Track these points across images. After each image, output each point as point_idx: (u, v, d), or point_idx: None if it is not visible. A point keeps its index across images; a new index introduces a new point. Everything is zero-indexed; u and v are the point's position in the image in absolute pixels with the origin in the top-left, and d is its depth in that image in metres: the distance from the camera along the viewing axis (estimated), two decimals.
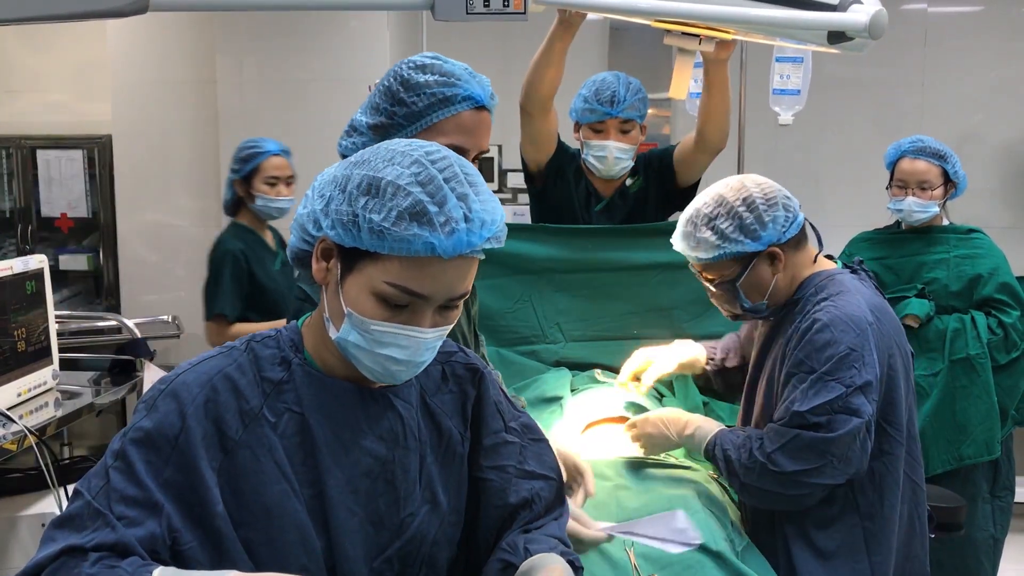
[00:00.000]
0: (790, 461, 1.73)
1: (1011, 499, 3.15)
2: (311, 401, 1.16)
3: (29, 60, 4.69)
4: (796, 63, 3.19)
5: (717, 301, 1.95)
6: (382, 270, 1.08)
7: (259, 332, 1.21)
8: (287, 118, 4.17)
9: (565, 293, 2.66)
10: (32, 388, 2.53)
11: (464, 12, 1.67)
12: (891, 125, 4.19)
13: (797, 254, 1.87)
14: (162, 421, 1.10)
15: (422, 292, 1.09)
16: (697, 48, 1.90)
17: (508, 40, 4.42)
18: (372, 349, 1.11)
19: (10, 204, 4.60)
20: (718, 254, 1.82)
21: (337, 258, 1.12)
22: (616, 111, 2.63)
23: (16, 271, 2.48)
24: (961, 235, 3.10)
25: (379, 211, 1.06)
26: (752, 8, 1.39)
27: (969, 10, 4.46)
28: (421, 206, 1.05)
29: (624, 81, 2.67)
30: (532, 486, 1.29)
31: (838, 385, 1.71)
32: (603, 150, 2.66)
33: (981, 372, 2.98)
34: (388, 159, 1.10)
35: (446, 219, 1.06)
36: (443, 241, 1.05)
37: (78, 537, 1.06)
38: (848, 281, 1.84)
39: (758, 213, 1.81)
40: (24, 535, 2.27)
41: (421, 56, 1.59)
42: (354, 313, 1.10)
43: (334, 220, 1.10)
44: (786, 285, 1.86)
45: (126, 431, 1.12)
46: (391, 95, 1.55)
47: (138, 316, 4.23)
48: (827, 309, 1.76)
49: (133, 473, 1.08)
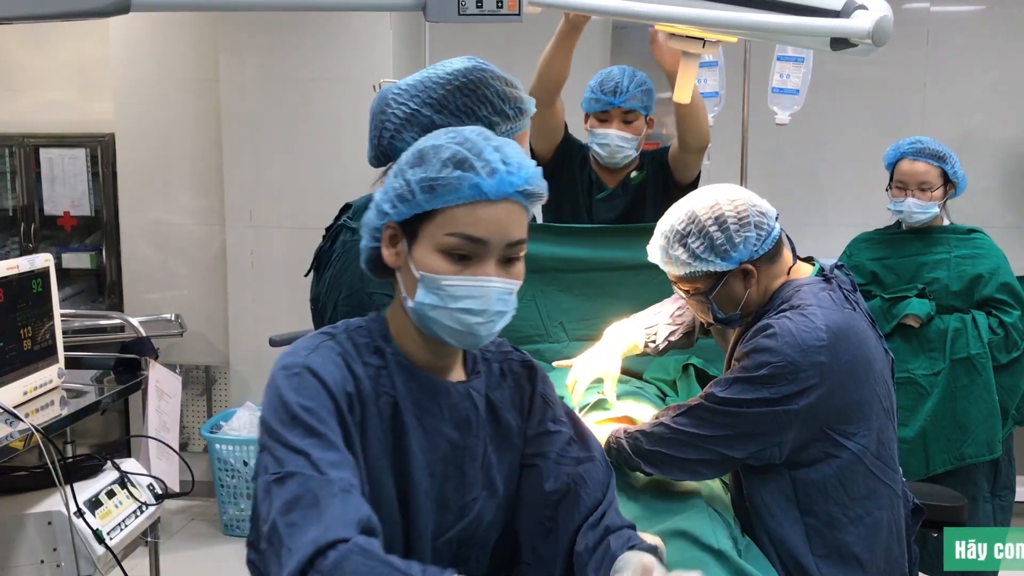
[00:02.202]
0: (692, 424, 1.77)
1: (1012, 498, 3.16)
2: (402, 387, 1.25)
3: (32, 59, 4.69)
4: (797, 62, 3.20)
5: (692, 309, 1.99)
6: (441, 224, 1.19)
7: (351, 321, 1.29)
8: (290, 117, 4.18)
9: (568, 292, 2.67)
10: (38, 386, 2.54)
11: (456, 13, 1.67)
12: (893, 124, 4.19)
13: (772, 266, 1.87)
14: (313, 395, 1.16)
15: (479, 235, 1.19)
16: (701, 51, 1.91)
17: (510, 39, 4.42)
18: (447, 305, 1.20)
19: (13, 202, 4.61)
20: (689, 271, 1.84)
21: (402, 236, 1.23)
22: (619, 101, 2.75)
23: (22, 270, 2.49)
24: (962, 235, 3.11)
25: (425, 169, 1.19)
26: (754, 15, 1.39)
27: (971, 9, 4.47)
28: (461, 155, 1.19)
29: (629, 74, 2.80)
30: (575, 471, 1.34)
31: (763, 389, 1.71)
32: (606, 138, 2.77)
33: (982, 372, 2.99)
34: (433, 136, 1.24)
35: (485, 163, 1.19)
36: (486, 181, 1.18)
37: (329, 518, 1.08)
38: (811, 293, 1.81)
39: (729, 234, 1.80)
40: (31, 532, 2.27)
41: None
42: (426, 274, 1.20)
43: (391, 198, 1.22)
44: (759, 296, 1.87)
45: (283, 411, 1.15)
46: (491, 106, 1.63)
47: (141, 314, 4.24)
48: (781, 321, 1.76)
49: (328, 440, 1.14)
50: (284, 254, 4.22)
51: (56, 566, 2.27)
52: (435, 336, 1.24)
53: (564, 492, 1.33)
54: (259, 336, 4.11)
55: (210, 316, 4.44)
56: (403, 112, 1.58)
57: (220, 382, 4.51)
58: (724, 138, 3.62)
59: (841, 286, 1.86)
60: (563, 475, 1.33)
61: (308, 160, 4.17)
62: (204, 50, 4.30)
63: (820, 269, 1.92)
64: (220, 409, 4.47)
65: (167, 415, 2.93)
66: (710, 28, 1.69)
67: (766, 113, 3.35)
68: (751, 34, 1.83)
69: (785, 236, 1.92)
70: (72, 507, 2.26)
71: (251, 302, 4.31)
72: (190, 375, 4.50)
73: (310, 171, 4.13)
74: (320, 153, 4.14)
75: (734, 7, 1.45)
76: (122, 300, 4.51)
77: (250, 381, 4.35)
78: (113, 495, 2.46)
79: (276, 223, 4.20)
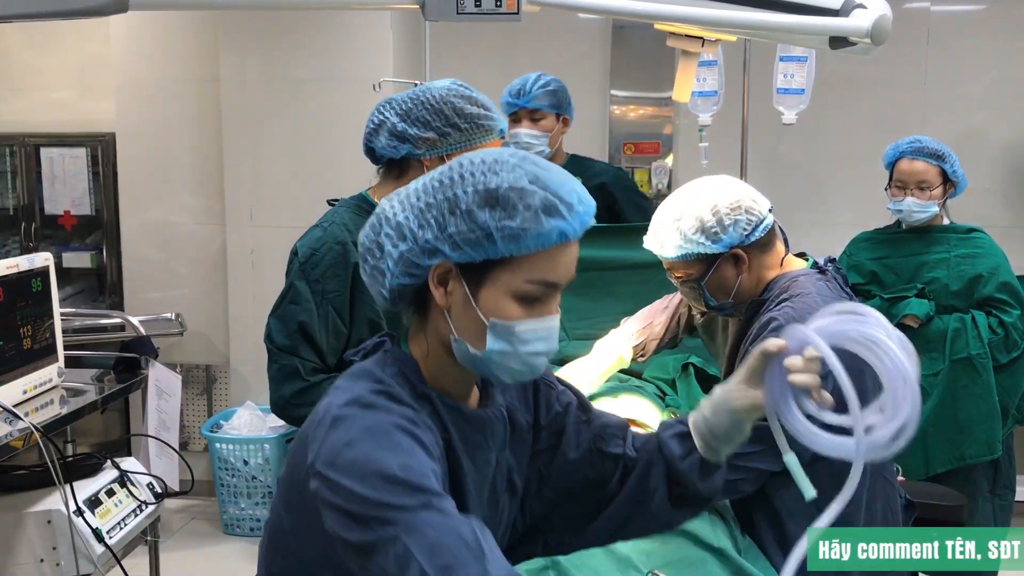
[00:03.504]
0: None
1: (1012, 498, 3.15)
2: (452, 427, 1.20)
3: (33, 58, 4.70)
4: (800, 62, 3.19)
5: (686, 298, 2.00)
6: (519, 271, 1.13)
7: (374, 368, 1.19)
8: (290, 117, 4.18)
9: (568, 291, 2.64)
10: (38, 385, 2.54)
11: (455, 12, 1.69)
12: (893, 124, 4.19)
13: (764, 256, 1.89)
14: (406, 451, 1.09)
15: (557, 280, 1.16)
16: (700, 50, 1.91)
17: (511, 38, 4.42)
18: (518, 350, 1.15)
19: (13, 202, 4.61)
20: (681, 254, 1.86)
21: (458, 279, 1.15)
22: (523, 101, 2.98)
23: (22, 269, 2.49)
24: (961, 234, 3.11)
25: (512, 216, 1.11)
26: (753, 13, 1.39)
27: (972, 9, 4.46)
28: (550, 200, 1.12)
29: (534, 76, 3.02)
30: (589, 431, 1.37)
31: None
32: (516, 136, 2.98)
33: (982, 372, 2.98)
34: (489, 170, 1.14)
35: (570, 205, 1.13)
36: (571, 224, 1.13)
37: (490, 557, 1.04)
38: (810, 283, 1.84)
39: (719, 217, 1.83)
40: (31, 531, 2.28)
41: None
42: (498, 322, 1.14)
43: (457, 241, 1.12)
44: (752, 286, 1.89)
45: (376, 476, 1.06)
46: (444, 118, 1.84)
47: (141, 314, 4.24)
48: (784, 310, 1.78)
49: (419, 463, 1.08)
50: (284, 253, 4.17)
51: (56, 565, 2.27)
52: (491, 376, 1.20)
53: (588, 452, 1.35)
54: (259, 335, 4.05)
55: (210, 315, 4.44)
56: (377, 119, 1.86)
57: (220, 381, 4.52)
58: (724, 138, 3.62)
59: (836, 279, 1.89)
60: (583, 441, 1.36)
61: (308, 160, 4.17)
62: (205, 50, 4.30)
63: (814, 263, 1.94)
64: (220, 408, 4.47)
65: (167, 414, 2.93)
66: (710, 27, 1.69)
67: (766, 112, 3.34)
68: (751, 33, 1.83)
69: (779, 228, 1.93)
70: (72, 506, 2.26)
71: (251, 301, 4.31)
72: (190, 374, 4.50)
73: (310, 170, 4.13)
74: (321, 153, 4.14)
75: (734, 6, 1.45)
76: (123, 299, 4.51)
77: (250, 380, 4.35)
78: (113, 494, 2.46)
79: (276, 222, 4.20)
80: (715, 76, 3.33)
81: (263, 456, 4.03)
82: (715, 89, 3.33)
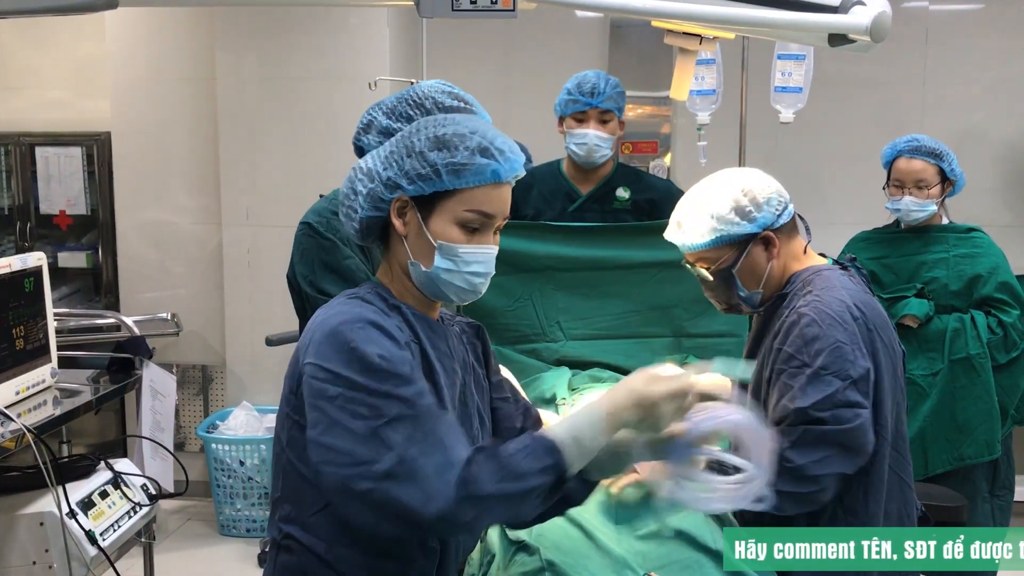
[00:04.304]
0: (803, 455, 1.71)
1: (1011, 498, 3.14)
2: (423, 334, 1.42)
3: (28, 57, 4.68)
4: (798, 60, 3.19)
5: (711, 293, 1.97)
6: (461, 202, 1.39)
7: (358, 290, 1.44)
8: (287, 115, 4.17)
9: (566, 291, 2.67)
10: (31, 386, 2.52)
11: (450, 9, 1.68)
12: (892, 123, 4.18)
13: (790, 243, 1.90)
14: (384, 344, 1.31)
15: (492, 212, 1.41)
16: (698, 48, 1.90)
17: (509, 37, 4.41)
18: (461, 270, 1.40)
19: (8, 201, 4.59)
20: (715, 238, 1.84)
21: (414, 210, 1.40)
22: (596, 101, 2.86)
23: (15, 269, 2.47)
24: (960, 234, 3.10)
25: (454, 155, 1.37)
26: (752, 10, 1.38)
27: (970, 8, 4.46)
28: (485, 143, 1.38)
29: (604, 76, 2.91)
30: (525, 403, 1.64)
31: (834, 379, 1.72)
32: (584, 137, 2.86)
33: (981, 372, 2.97)
34: (439, 124, 1.41)
35: (499, 151, 1.39)
36: (502, 167, 1.39)
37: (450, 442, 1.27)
38: (835, 277, 1.85)
39: (753, 195, 1.84)
40: (23, 533, 2.26)
41: None
42: (444, 243, 1.39)
43: (412, 176, 1.39)
44: (779, 275, 1.89)
45: (360, 363, 1.28)
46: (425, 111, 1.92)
47: (137, 314, 4.23)
48: (812, 304, 1.78)
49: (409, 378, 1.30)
50: (281, 253, 4.16)
51: (48, 567, 2.25)
52: (439, 295, 1.44)
53: (529, 420, 1.60)
54: (256, 335, 4.11)
55: (207, 315, 4.43)
56: (366, 119, 1.96)
57: (217, 381, 4.50)
58: (722, 137, 3.61)
59: (860, 275, 1.91)
60: (521, 409, 1.60)
61: (305, 159, 4.15)
62: (201, 49, 4.29)
63: (835, 260, 1.95)
64: (216, 409, 4.46)
65: (161, 415, 2.92)
66: (708, 24, 1.68)
67: (765, 111, 3.33)
68: (749, 30, 1.82)
69: (799, 218, 1.93)
70: (64, 508, 2.24)
71: (247, 301, 4.30)
72: (187, 374, 4.48)
73: (307, 170, 4.12)
74: (317, 152, 4.12)
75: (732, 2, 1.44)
76: (118, 299, 4.49)
77: (247, 380, 4.33)
78: (106, 496, 2.45)
79: (273, 222, 4.19)
80: (714, 74, 3.33)
81: (259, 457, 4.02)
82: (713, 88, 3.33)
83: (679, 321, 2.67)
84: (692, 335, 2.67)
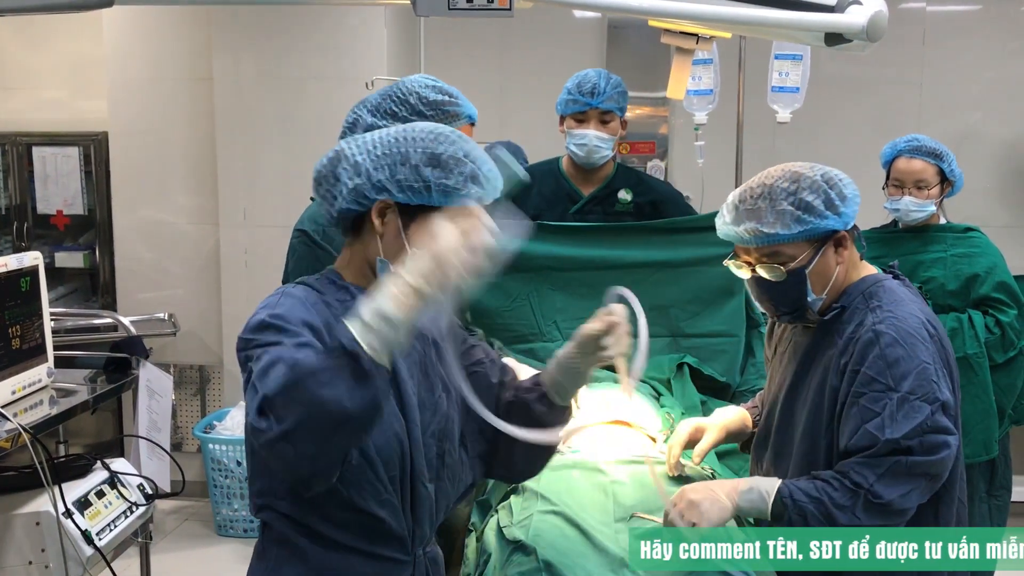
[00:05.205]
0: (892, 489, 1.62)
1: (1008, 498, 3.14)
2: None
3: (25, 57, 4.67)
4: (795, 60, 3.19)
5: (769, 296, 1.77)
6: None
7: (308, 278, 1.54)
8: (284, 115, 4.16)
9: (563, 291, 2.67)
10: (27, 386, 2.52)
11: (446, 7, 1.69)
12: (890, 123, 4.18)
13: (852, 248, 1.77)
14: (285, 308, 1.41)
15: None
16: (695, 47, 1.90)
17: (506, 37, 4.41)
18: None
19: (6, 201, 4.59)
20: (801, 230, 1.69)
21: (395, 213, 1.46)
22: (596, 102, 2.81)
23: (11, 268, 2.47)
24: (958, 234, 3.09)
25: (448, 178, 1.45)
26: (748, 9, 1.38)
27: (968, 9, 4.46)
28: (477, 171, 1.47)
29: (604, 76, 2.86)
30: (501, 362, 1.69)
31: (923, 404, 1.63)
32: (584, 138, 2.82)
33: (979, 371, 2.97)
34: (437, 140, 1.47)
35: (486, 179, 1.48)
36: (487, 194, 1.48)
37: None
38: (900, 290, 1.74)
39: (839, 189, 1.71)
40: (19, 533, 2.26)
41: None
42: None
43: (403, 187, 1.45)
44: (840, 283, 1.76)
45: (255, 326, 1.39)
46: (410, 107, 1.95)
47: (134, 314, 4.22)
48: (888, 320, 1.67)
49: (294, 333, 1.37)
50: (278, 253, 4.15)
51: (44, 567, 2.25)
52: None
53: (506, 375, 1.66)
54: None
55: (204, 315, 4.42)
56: (351, 117, 1.98)
57: (214, 382, 4.50)
58: (719, 137, 3.61)
59: (909, 284, 1.82)
60: (498, 368, 1.66)
61: (302, 159, 4.12)
62: (198, 49, 4.28)
63: (883, 269, 1.85)
64: (214, 409, 4.45)
65: (158, 415, 2.91)
66: (705, 23, 1.68)
67: (762, 111, 3.33)
68: (746, 29, 1.82)
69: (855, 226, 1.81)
70: (60, 507, 2.24)
71: (245, 302, 4.29)
72: (184, 375, 4.48)
73: (304, 170, 4.05)
74: (314, 152, 4.04)
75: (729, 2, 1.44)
76: (115, 299, 4.49)
77: None
78: (103, 495, 2.45)
79: (270, 222, 4.18)
80: (711, 74, 3.33)
81: None
82: (711, 87, 3.33)
83: (676, 321, 2.67)
84: (689, 335, 2.67)
